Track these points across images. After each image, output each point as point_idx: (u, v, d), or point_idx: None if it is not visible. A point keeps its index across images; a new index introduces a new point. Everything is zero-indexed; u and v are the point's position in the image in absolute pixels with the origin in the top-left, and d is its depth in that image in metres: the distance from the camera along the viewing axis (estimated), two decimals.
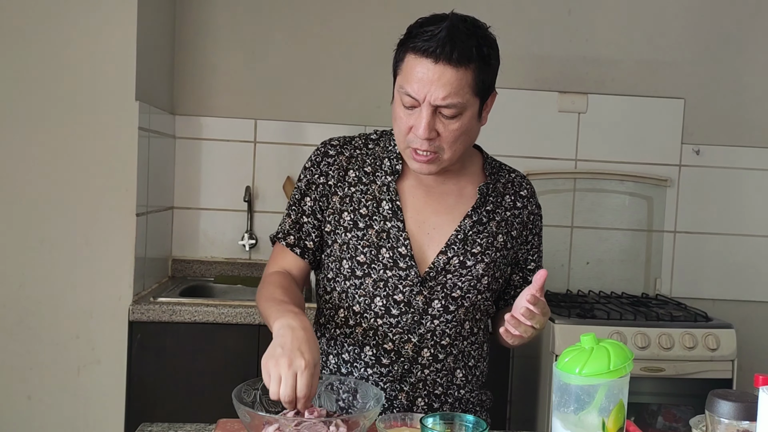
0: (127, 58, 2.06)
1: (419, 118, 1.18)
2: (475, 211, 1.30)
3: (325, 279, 1.34)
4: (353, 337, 1.28)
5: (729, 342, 2.20)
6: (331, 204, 1.30)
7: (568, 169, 2.72)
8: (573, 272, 2.74)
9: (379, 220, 1.27)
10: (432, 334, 1.27)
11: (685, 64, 2.74)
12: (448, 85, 1.16)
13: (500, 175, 1.38)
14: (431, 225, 1.29)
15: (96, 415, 2.08)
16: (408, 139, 1.22)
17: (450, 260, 1.27)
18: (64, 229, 2.07)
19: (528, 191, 1.39)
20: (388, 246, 1.26)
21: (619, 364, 1.07)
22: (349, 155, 1.32)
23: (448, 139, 1.21)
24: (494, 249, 1.31)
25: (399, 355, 1.26)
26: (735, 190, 2.76)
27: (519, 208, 1.36)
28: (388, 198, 1.28)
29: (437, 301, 1.27)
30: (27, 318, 2.06)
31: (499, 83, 2.78)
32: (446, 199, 1.31)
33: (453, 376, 1.30)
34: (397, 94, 1.23)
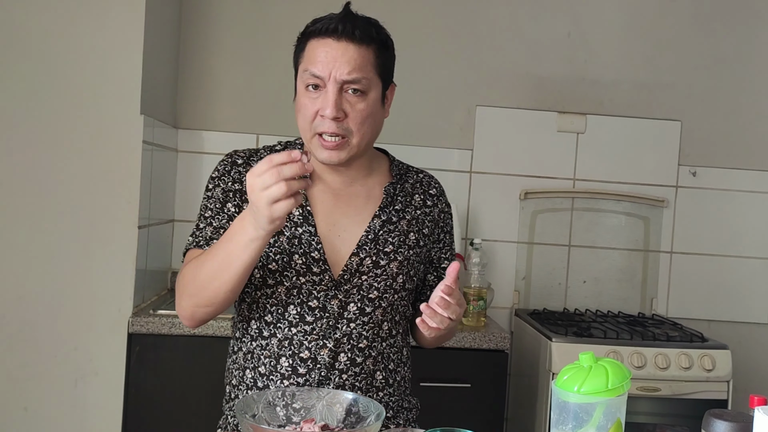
0: (133, 72, 2.09)
1: (325, 99, 1.21)
2: (383, 211, 1.31)
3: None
4: (269, 349, 1.26)
5: (725, 363, 2.22)
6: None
7: (566, 189, 2.75)
8: (570, 291, 2.76)
9: (290, 226, 1.26)
10: (348, 338, 1.26)
11: (682, 86, 2.77)
12: (352, 60, 1.21)
13: (408, 176, 1.39)
14: (342, 227, 1.29)
15: (93, 427, 2.08)
16: (314, 125, 1.23)
17: (363, 261, 1.27)
18: (65, 240, 2.08)
19: (437, 190, 1.40)
20: (300, 252, 1.25)
21: (617, 383, 1.09)
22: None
23: (356, 119, 1.22)
24: (407, 247, 1.31)
25: (315, 362, 1.25)
26: (731, 211, 2.79)
27: (429, 206, 1.37)
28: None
29: (353, 303, 1.26)
30: (25, 329, 2.07)
31: (499, 101, 2.84)
32: (355, 200, 1.31)
33: (372, 378, 1.29)
34: (300, 82, 1.25)
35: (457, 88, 2.73)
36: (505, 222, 2.73)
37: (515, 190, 2.73)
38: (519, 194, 2.73)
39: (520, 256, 2.75)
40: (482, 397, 2.19)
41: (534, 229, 2.75)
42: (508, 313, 2.73)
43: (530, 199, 2.74)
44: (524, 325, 2.51)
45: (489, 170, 2.73)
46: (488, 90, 2.73)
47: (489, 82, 2.73)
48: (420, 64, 2.69)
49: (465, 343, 2.20)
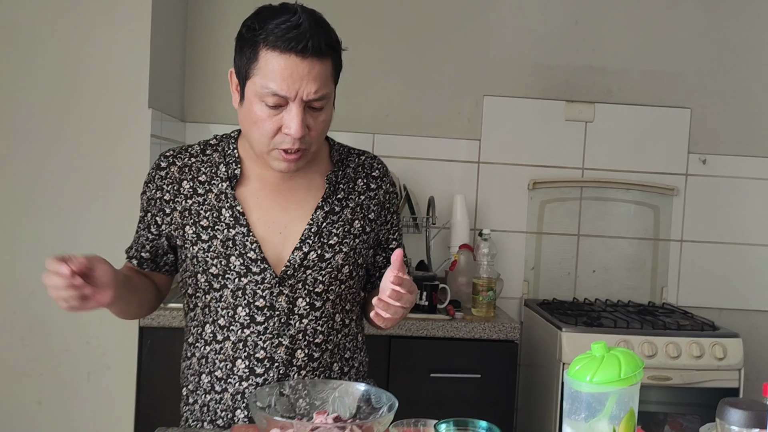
0: (140, 66, 2.09)
1: (290, 117, 1.14)
2: (326, 202, 1.28)
3: (186, 296, 1.32)
4: (224, 353, 1.25)
5: (736, 351, 2.21)
6: (173, 219, 1.26)
7: (575, 178, 2.73)
8: (579, 280, 2.75)
9: (222, 228, 1.24)
10: (303, 334, 1.25)
11: (692, 73, 2.75)
12: (318, 78, 1.14)
13: (349, 160, 1.34)
14: (282, 224, 1.26)
15: (106, 420, 2.10)
16: (275, 141, 1.17)
17: (307, 255, 1.25)
18: (76, 236, 2.09)
19: (380, 171, 1.36)
20: (237, 253, 1.23)
21: (629, 372, 1.09)
22: (182, 165, 1.27)
23: (317, 131, 1.19)
24: (352, 236, 1.29)
25: (273, 361, 1.24)
26: (741, 199, 2.77)
27: (373, 189, 1.33)
28: (228, 205, 1.24)
29: (301, 299, 1.25)
30: (38, 324, 2.08)
31: (506, 91, 2.82)
32: (294, 194, 1.28)
33: (330, 371, 1.29)
34: (253, 95, 1.16)
35: (465, 78, 2.72)
36: (513, 212, 2.73)
37: (524, 180, 2.72)
38: (527, 184, 2.72)
39: (529, 246, 2.74)
40: (492, 387, 2.19)
41: (543, 218, 2.74)
42: (518, 303, 2.73)
43: (539, 189, 2.73)
44: (534, 315, 2.51)
45: (497, 160, 2.72)
46: (496, 80, 2.72)
47: (496, 72, 2.72)
48: (427, 56, 2.68)
49: (475, 333, 2.20)
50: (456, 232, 2.58)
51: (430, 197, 2.59)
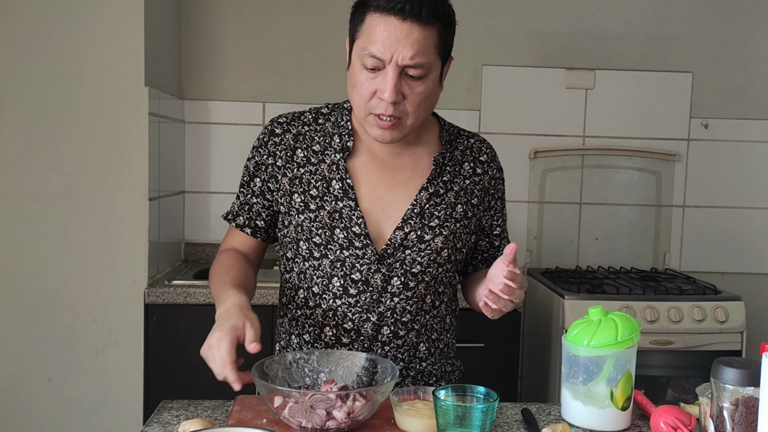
0: (135, 44, 2.08)
1: (384, 81, 1.14)
2: (431, 183, 1.27)
3: (284, 258, 1.32)
4: (313, 318, 1.27)
5: (738, 314, 2.22)
6: (282, 186, 1.27)
7: (576, 146, 2.72)
8: (582, 248, 2.76)
9: (330, 200, 1.24)
10: (392, 312, 1.25)
11: (693, 37, 2.72)
12: (416, 43, 1.13)
13: (458, 142, 1.32)
14: (387, 201, 1.25)
15: (115, 395, 2.13)
16: (370, 105, 1.17)
17: (407, 235, 1.24)
18: (78, 215, 2.10)
19: (488, 156, 1.34)
20: (342, 226, 1.23)
21: (626, 335, 1.10)
22: (296, 133, 1.28)
23: (414, 102, 1.17)
24: (453, 220, 1.27)
25: (359, 334, 1.25)
26: (744, 163, 2.76)
27: (479, 174, 1.31)
28: (338, 177, 1.25)
29: (396, 278, 1.24)
30: (45, 303, 2.11)
31: (505, 60, 2.80)
32: (401, 173, 1.27)
33: (416, 350, 1.29)
34: (356, 58, 1.17)
35: (463, 48, 2.67)
36: (515, 182, 2.72)
37: (524, 150, 2.71)
38: (528, 153, 2.71)
39: (531, 215, 2.74)
40: (496, 356, 2.21)
41: (544, 187, 2.74)
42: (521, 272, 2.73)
43: (540, 158, 2.72)
44: (537, 284, 2.52)
45: (497, 130, 2.71)
46: (494, 49, 2.69)
47: (495, 41, 2.69)
48: None
49: None
50: None
51: None
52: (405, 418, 1.07)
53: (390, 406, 1.10)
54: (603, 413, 1.11)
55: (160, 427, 1.09)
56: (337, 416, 1.03)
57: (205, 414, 1.14)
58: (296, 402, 1.02)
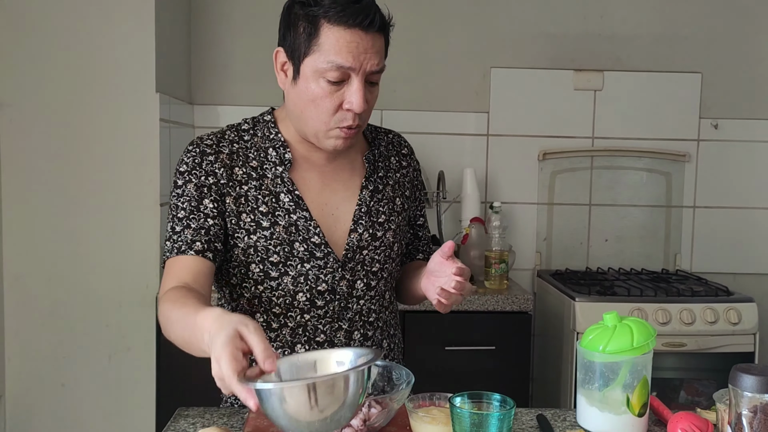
0: (146, 51, 2.09)
1: (352, 92, 1.14)
2: (369, 181, 1.28)
3: (228, 286, 1.24)
4: (281, 340, 1.22)
5: (751, 315, 2.21)
6: (227, 206, 1.19)
7: (585, 147, 2.72)
8: (592, 250, 2.75)
9: (283, 214, 1.20)
10: (360, 315, 1.26)
11: (702, 38, 2.71)
12: (379, 52, 1.16)
13: (379, 139, 1.35)
14: (333, 205, 1.25)
15: (129, 400, 2.14)
16: (335, 118, 1.16)
17: (361, 236, 1.25)
18: (90, 220, 2.12)
19: (408, 148, 1.39)
20: (300, 239, 1.20)
21: (642, 341, 1.10)
22: (229, 152, 1.21)
23: (371, 107, 1.20)
24: (396, 214, 1.31)
25: (332, 344, 1.24)
26: (754, 163, 2.75)
27: (405, 167, 1.36)
28: (285, 190, 1.21)
29: (359, 281, 1.25)
30: (58, 309, 2.12)
31: (513, 62, 2.80)
32: (340, 174, 1.27)
33: (381, 347, 1.31)
34: (312, 72, 1.13)
35: (471, 51, 2.69)
36: (524, 184, 2.72)
37: (533, 151, 2.71)
38: (537, 155, 2.71)
39: (541, 217, 2.74)
40: (507, 358, 2.21)
41: (554, 189, 2.74)
42: (531, 274, 2.74)
43: (549, 160, 2.72)
44: (547, 286, 2.52)
45: (506, 132, 2.71)
46: (502, 51, 2.69)
47: (503, 43, 2.69)
48: (433, 29, 2.66)
49: (488, 305, 2.21)
50: (467, 205, 2.58)
51: (440, 171, 2.59)
52: (421, 425, 1.07)
53: (405, 412, 1.10)
54: (619, 420, 1.10)
55: None
56: (353, 423, 1.03)
57: (221, 421, 1.15)
58: None
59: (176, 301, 1.06)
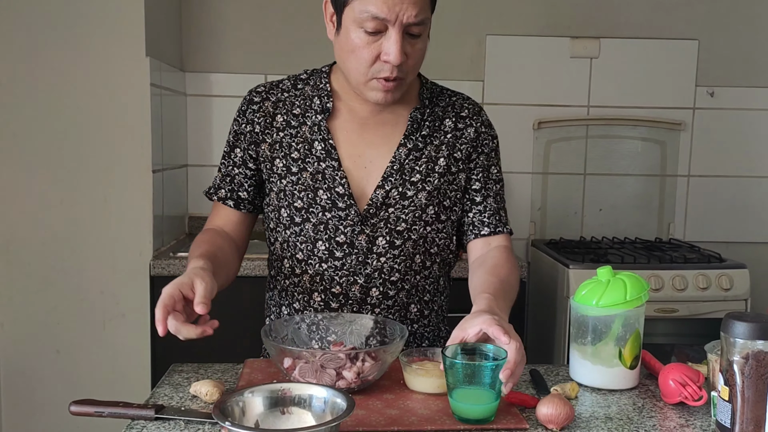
0: (135, 13, 2.06)
1: (389, 43, 1.12)
2: (408, 139, 1.25)
3: (268, 230, 1.32)
4: (301, 285, 1.26)
5: (742, 282, 2.22)
6: (262, 152, 1.26)
7: (581, 116, 2.71)
8: (586, 219, 2.75)
9: (313, 161, 1.23)
10: (380, 273, 1.23)
11: (699, 4, 2.69)
12: (419, 1, 1.12)
13: (439, 99, 1.30)
14: (367, 158, 1.24)
15: (123, 365, 2.15)
16: (373, 69, 1.16)
17: (389, 193, 1.22)
18: (82, 187, 2.10)
19: (470, 111, 1.30)
20: (325, 187, 1.22)
21: (635, 294, 1.10)
22: (276, 100, 1.27)
23: (414, 60, 1.17)
24: (437, 175, 1.25)
25: (347, 297, 1.24)
26: (749, 132, 2.74)
27: (460, 129, 1.28)
28: (320, 138, 1.24)
29: (381, 237, 1.22)
30: (51, 276, 2.11)
31: (509, 30, 2.77)
32: (381, 129, 1.25)
33: (407, 311, 1.27)
34: (350, 22, 1.14)
35: (466, 18, 2.66)
36: (519, 153, 2.71)
37: (528, 120, 2.69)
38: (532, 124, 2.69)
39: (535, 186, 2.74)
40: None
41: (548, 158, 2.73)
42: (525, 243, 2.74)
43: (544, 129, 2.71)
44: (541, 255, 2.52)
45: (501, 101, 2.69)
46: (498, 18, 2.66)
47: (498, 10, 2.66)
48: None
49: None
50: None
51: None
52: (414, 378, 1.08)
53: (399, 367, 1.11)
54: (611, 372, 1.11)
55: (171, 388, 1.10)
56: (346, 376, 1.03)
57: (215, 376, 1.15)
58: (306, 362, 1.03)
59: (192, 248, 1.23)
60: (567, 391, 1.08)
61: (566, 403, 0.97)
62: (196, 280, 1.04)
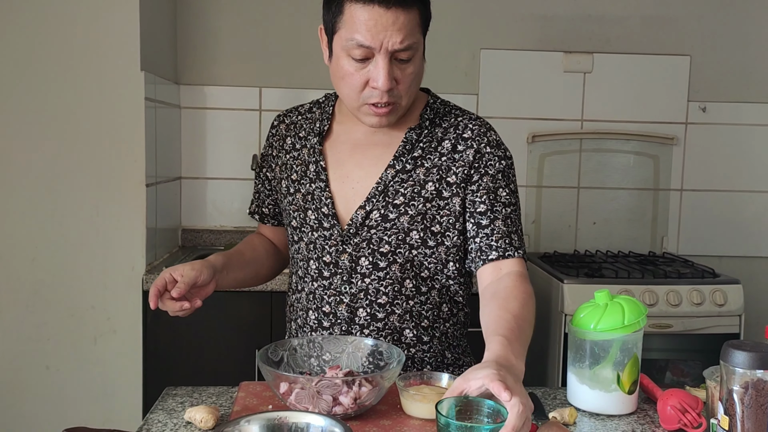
0: (130, 28, 2.05)
1: (376, 70, 1.13)
2: (398, 160, 1.22)
3: (287, 249, 1.41)
4: (300, 302, 1.29)
5: (736, 297, 2.23)
6: (275, 175, 1.35)
7: (574, 130, 2.71)
8: (580, 232, 2.76)
9: (306, 183, 1.27)
10: (365, 294, 1.22)
11: (691, 20, 2.71)
12: (404, 28, 1.12)
13: (444, 119, 1.26)
14: (355, 179, 1.24)
15: (114, 382, 2.12)
16: (363, 95, 1.16)
17: (369, 214, 1.21)
18: (74, 201, 2.08)
19: (474, 132, 1.23)
20: (313, 207, 1.26)
21: (633, 319, 1.10)
22: (289, 123, 1.34)
23: (406, 84, 1.16)
24: (422, 199, 1.21)
25: (336, 317, 1.24)
26: (741, 146, 2.76)
27: (459, 151, 1.22)
28: (314, 160, 1.27)
29: (364, 258, 1.22)
30: (42, 290, 2.09)
31: (503, 44, 2.78)
32: (373, 150, 1.25)
33: (401, 335, 1.23)
34: (340, 49, 1.15)
35: (461, 32, 2.67)
36: None
37: (522, 134, 2.70)
38: (526, 137, 2.70)
39: (529, 199, 2.74)
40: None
41: (542, 172, 2.73)
42: None
43: (538, 142, 2.71)
44: (535, 269, 2.52)
45: (495, 114, 2.69)
46: (492, 33, 2.67)
47: (493, 25, 2.67)
48: None
49: (476, 288, 2.20)
50: None
51: None
52: (411, 404, 1.07)
53: (396, 391, 1.10)
54: (609, 397, 1.11)
55: (165, 414, 1.08)
56: (343, 402, 1.02)
57: (210, 401, 1.13)
58: (303, 388, 1.02)
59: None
60: (565, 417, 1.07)
61: (565, 431, 0.96)
62: (187, 268, 1.15)
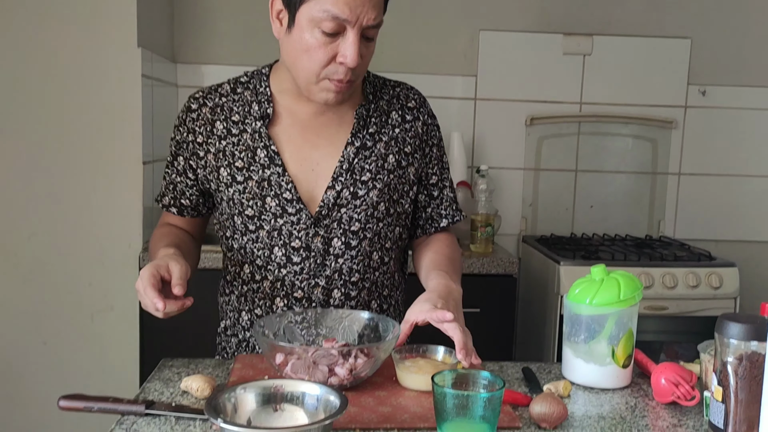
0: (127, 3, 2.03)
1: (347, 45, 1.11)
2: (356, 137, 1.23)
3: (224, 237, 1.30)
4: (262, 292, 1.25)
5: (732, 280, 2.24)
6: (207, 162, 1.24)
7: (573, 113, 2.71)
8: (577, 216, 2.76)
9: (257, 169, 1.21)
10: (339, 274, 1.23)
11: (692, 2, 2.69)
12: (378, 5, 1.12)
13: (383, 92, 1.28)
14: (314, 161, 1.22)
15: (111, 359, 2.13)
16: (327, 70, 1.13)
17: (340, 193, 1.21)
18: (72, 178, 2.08)
19: (416, 101, 1.30)
20: (272, 194, 1.20)
21: (629, 294, 1.10)
22: (213, 106, 1.24)
23: (366, 63, 1.16)
24: (386, 172, 1.24)
25: (310, 301, 1.23)
26: (740, 130, 2.76)
27: (409, 121, 1.28)
28: (262, 145, 1.21)
29: (336, 239, 1.22)
30: (39, 267, 2.09)
31: (503, 26, 2.76)
32: (325, 130, 1.23)
33: (368, 308, 1.27)
34: (307, 21, 1.11)
35: (460, 13, 2.65)
36: (511, 149, 2.71)
37: (521, 116, 2.69)
38: (525, 120, 2.69)
39: (527, 182, 2.74)
40: (491, 321, 2.22)
41: (540, 154, 2.73)
42: (516, 239, 2.74)
43: (536, 125, 2.71)
44: (532, 251, 2.52)
45: (494, 96, 2.69)
46: (492, 14, 2.66)
47: (492, 6, 2.65)
48: None
49: (474, 269, 2.21)
50: (453, 169, 2.56)
51: None
52: (407, 376, 1.07)
53: (392, 363, 1.10)
54: (604, 371, 1.11)
55: (162, 383, 1.09)
56: (339, 373, 1.03)
57: (206, 372, 1.14)
58: (299, 358, 1.02)
59: (154, 242, 1.26)
60: (560, 390, 1.08)
61: (559, 402, 0.97)
62: (171, 263, 1.07)
